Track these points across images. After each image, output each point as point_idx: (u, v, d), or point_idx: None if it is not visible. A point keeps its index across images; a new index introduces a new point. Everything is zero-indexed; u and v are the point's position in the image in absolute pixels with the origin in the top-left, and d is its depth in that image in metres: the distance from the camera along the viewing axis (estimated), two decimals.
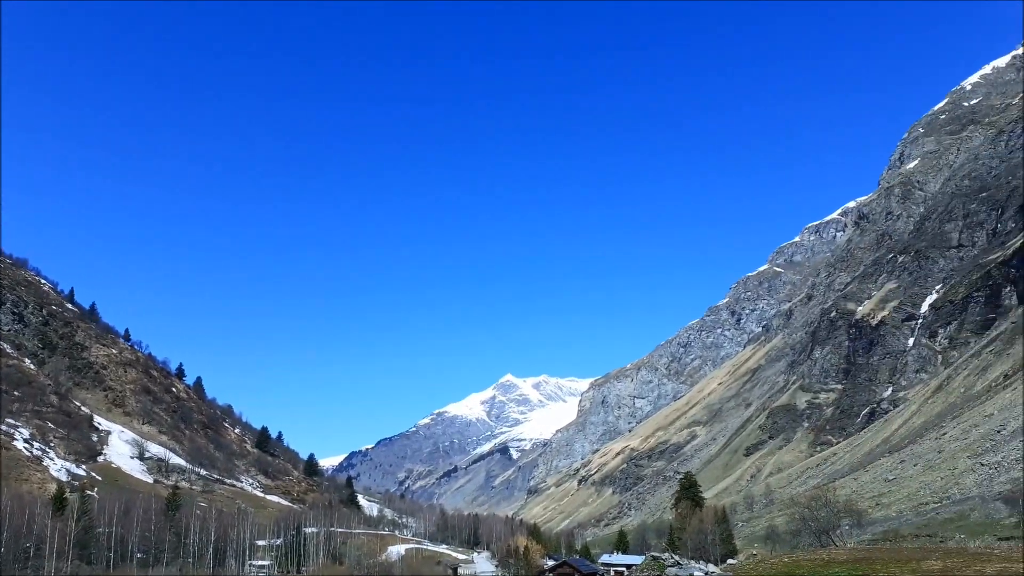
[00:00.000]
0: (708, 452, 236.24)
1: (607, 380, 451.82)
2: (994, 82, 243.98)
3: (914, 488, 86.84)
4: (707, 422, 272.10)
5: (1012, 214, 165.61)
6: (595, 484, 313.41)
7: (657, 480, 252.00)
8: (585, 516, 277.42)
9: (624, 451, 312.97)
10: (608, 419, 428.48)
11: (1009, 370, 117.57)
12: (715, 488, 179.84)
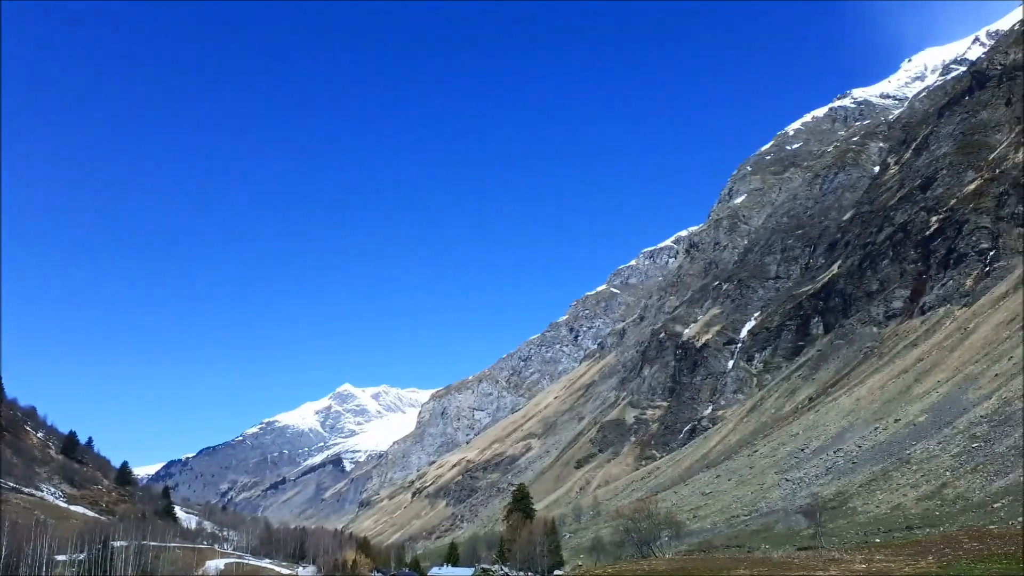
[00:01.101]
0: (541, 464, 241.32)
1: (448, 392, 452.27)
2: (813, 129, 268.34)
3: (727, 501, 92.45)
4: (542, 435, 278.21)
5: (823, 251, 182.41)
6: (429, 496, 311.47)
7: (491, 492, 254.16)
8: (417, 529, 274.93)
9: (461, 463, 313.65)
10: (447, 431, 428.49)
11: (814, 393, 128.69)
12: (546, 500, 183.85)
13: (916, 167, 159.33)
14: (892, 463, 70.88)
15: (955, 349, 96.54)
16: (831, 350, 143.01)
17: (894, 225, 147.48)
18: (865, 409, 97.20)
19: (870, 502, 65.37)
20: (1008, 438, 60.14)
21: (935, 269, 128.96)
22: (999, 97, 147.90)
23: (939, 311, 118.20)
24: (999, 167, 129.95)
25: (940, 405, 79.35)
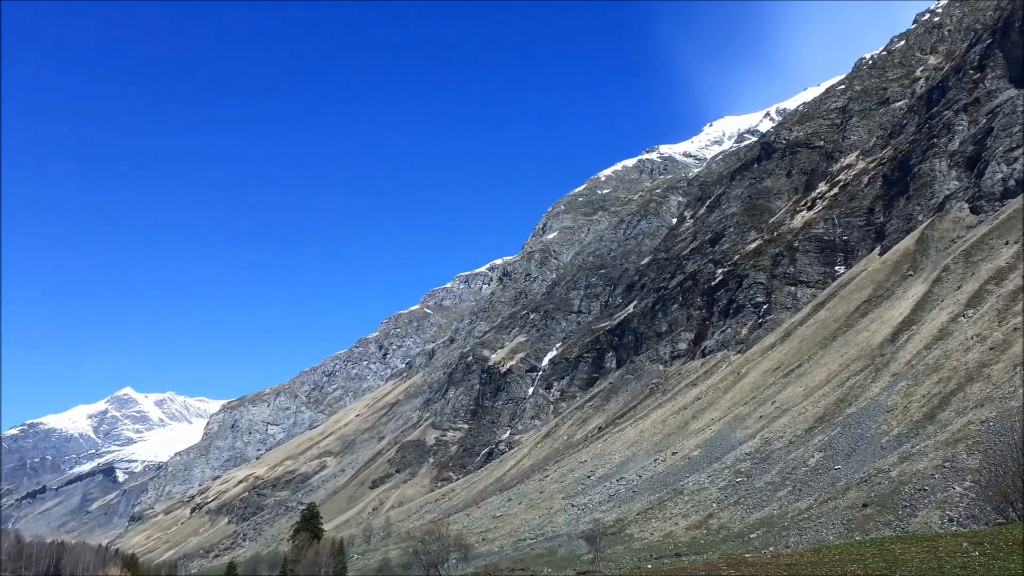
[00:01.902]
0: (335, 483, 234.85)
1: (242, 403, 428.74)
2: (622, 178, 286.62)
3: (516, 525, 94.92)
4: (339, 453, 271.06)
5: (621, 291, 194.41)
6: (210, 513, 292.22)
7: (279, 510, 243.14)
8: (194, 546, 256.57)
9: (248, 479, 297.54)
10: (236, 444, 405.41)
11: (603, 423, 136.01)
12: (337, 520, 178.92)
13: (708, 222, 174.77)
14: (667, 493, 76.32)
15: (728, 391, 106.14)
16: (622, 383, 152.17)
17: (685, 273, 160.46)
18: (648, 441, 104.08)
19: (646, 529, 69.85)
20: (767, 474, 66.86)
21: (717, 316, 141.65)
22: (782, 168, 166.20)
23: (717, 355, 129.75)
24: (777, 230, 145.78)
25: (712, 441, 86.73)
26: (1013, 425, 43.32)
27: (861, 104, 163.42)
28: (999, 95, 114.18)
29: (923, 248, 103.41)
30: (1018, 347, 61.39)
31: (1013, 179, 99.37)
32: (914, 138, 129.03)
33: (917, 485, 47.75)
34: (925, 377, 67.14)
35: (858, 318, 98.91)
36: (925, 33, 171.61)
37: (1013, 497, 29.00)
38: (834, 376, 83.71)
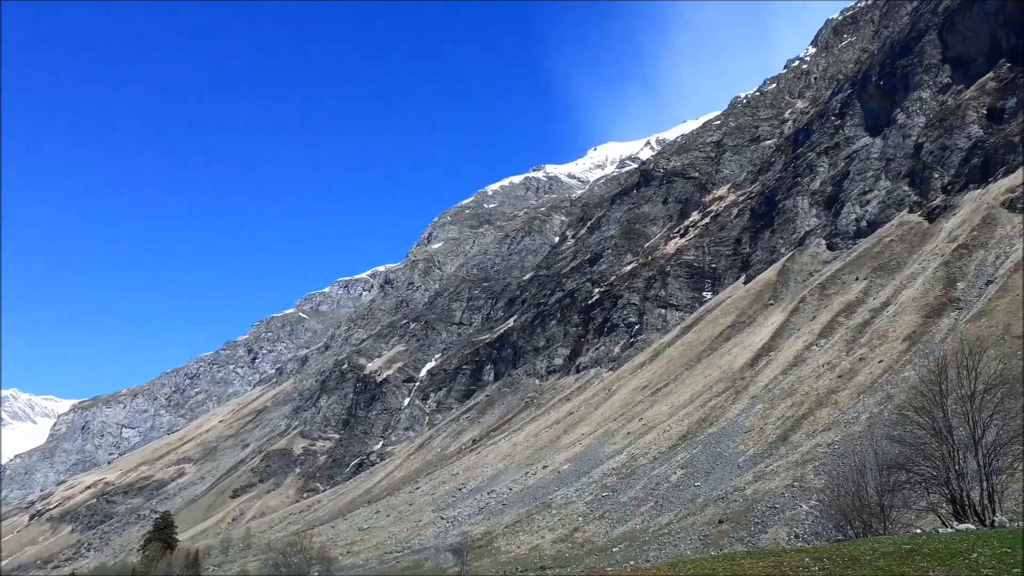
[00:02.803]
0: (194, 491, 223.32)
1: (95, 404, 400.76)
2: (509, 193, 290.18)
3: (383, 537, 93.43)
4: (199, 460, 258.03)
5: (503, 305, 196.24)
6: (52, 520, 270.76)
7: (130, 519, 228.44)
8: (31, 556, 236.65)
9: (97, 485, 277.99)
10: (86, 448, 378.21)
11: (478, 435, 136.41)
12: (194, 530, 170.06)
13: (588, 243, 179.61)
14: (537, 506, 77.33)
15: (599, 407, 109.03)
16: (498, 396, 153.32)
17: (564, 291, 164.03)
18: (520, 454, 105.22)
19: (513, 542, 70.43)
20: (631, 489, 69.01)
21: (592, 334, 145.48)
22: (659, 196, 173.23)
23: (591, 371, 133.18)
24: (651, 255, 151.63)
25: (582, 456, 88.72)
26: (855, 448, 46.79)
27: (734, 140, 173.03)
28: (856, 141, 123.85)
29: (783, 279, 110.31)
30: (863, 376, 66.42)
31: (865, 220, 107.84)
32: (780, 176, 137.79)
33: (768, 503, 50.60)
34: (780, 401, 71.44)
35: (722, 342, 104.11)
36: (794, 78, 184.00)
37: (851, 516, 31.23)
38: (698, 396, 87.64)
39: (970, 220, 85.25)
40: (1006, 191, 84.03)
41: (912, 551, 19.53)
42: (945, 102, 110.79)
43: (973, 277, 73.43)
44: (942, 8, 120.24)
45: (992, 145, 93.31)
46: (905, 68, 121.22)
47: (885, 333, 73.12)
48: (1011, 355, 51.86)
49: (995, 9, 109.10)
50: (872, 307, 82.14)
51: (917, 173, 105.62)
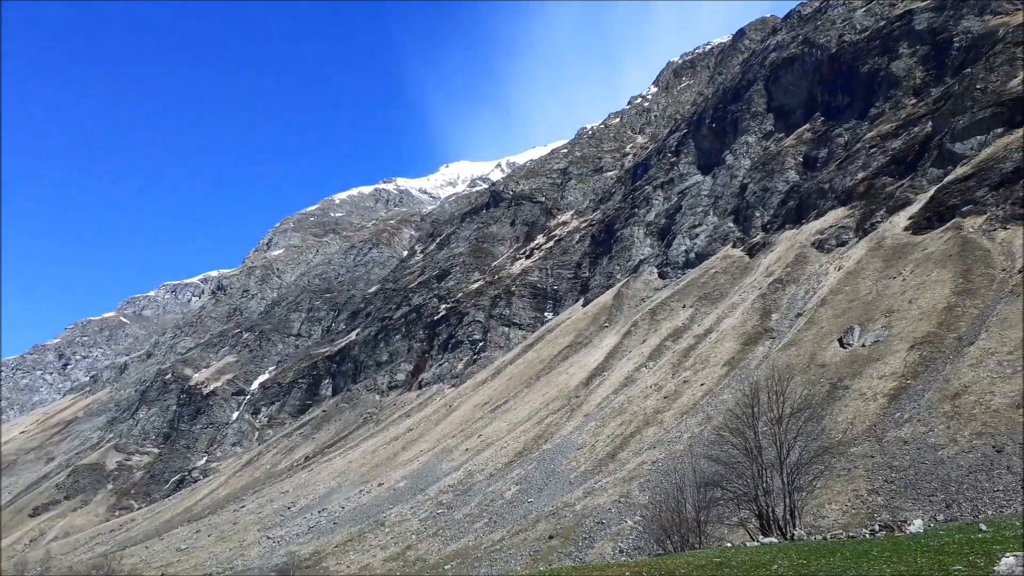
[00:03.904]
0: None
1: None
2: (358, 203, 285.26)
3: (203, 558, 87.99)
4: None
5: (345, 317, 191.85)
6: None
7: None
8: None
9: None
10: None
11: (311, 452, 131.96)
12: None
13: (437, 259, 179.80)
14: (369, 525, 75.75)
15: (439, 423, 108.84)
16: (336, 412, 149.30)
17: (410, 305, 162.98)
18: (355, 472, 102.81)
19: (343, 561, 68.51)
20: (467, 506, 69.20)
21: (436, 350, 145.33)
22: (507, 217, 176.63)
23: (433, 387, 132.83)
24: (497, 274, 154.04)
25: (419, 473, 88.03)
26: (676, 466, 49.56)
27: (579, 169, 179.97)
28: (689, 178, 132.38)
29: (618, 304, 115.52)
30: (686, 397, 70.56)
31: (694, 252, 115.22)
32: (620, 206, 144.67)
33: (596, 518, 52.40)
34: (611, 419, 74.42)
35: (560, 361, 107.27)
36: (636, 114, 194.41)
37: (671, 530, 32.98)
38: (535, 413, 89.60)
39: (785, 257, 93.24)
40: (816, 232, 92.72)
41: (722, 564, 20.85)
42: (768, 147, 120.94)
43: (785, 309, 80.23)
44: (769, 61, 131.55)
45: (806, 190, 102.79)
46: (735, 113, 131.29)
47: (707, 358, 78.19)
48: (815, 382, 56.99)
49: (813, 67, 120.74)
50: (697, 333, 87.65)
51: (741, 211, 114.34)
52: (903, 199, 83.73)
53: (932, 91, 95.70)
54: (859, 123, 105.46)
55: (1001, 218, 67.21)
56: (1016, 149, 72.66)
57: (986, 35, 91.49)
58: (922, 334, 55.43)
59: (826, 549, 21.95)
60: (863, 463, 42.22)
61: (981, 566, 15.78)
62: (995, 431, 38.81)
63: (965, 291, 59.03)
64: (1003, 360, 45.55)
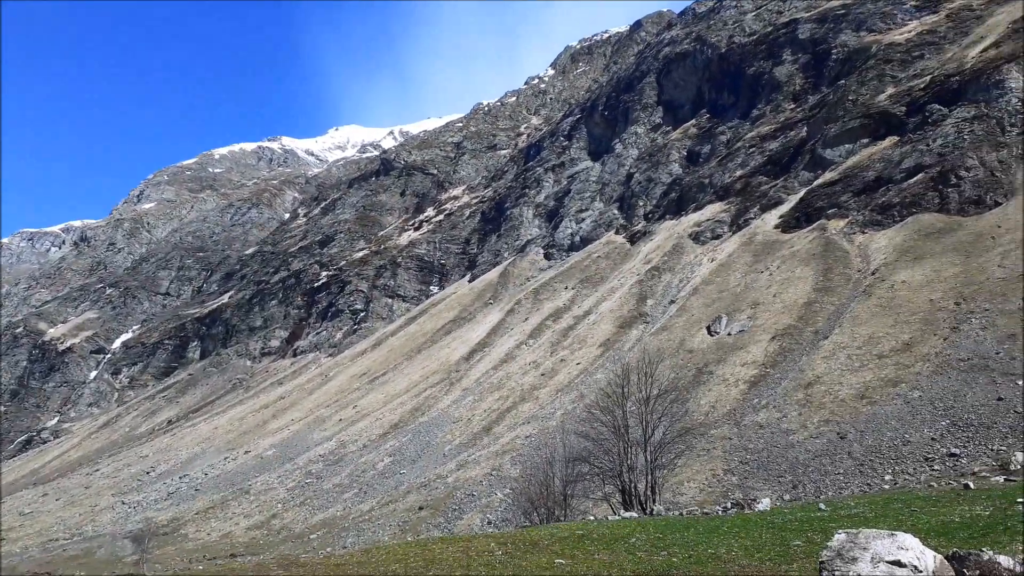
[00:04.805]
0: None
1: None
2: (239, 160, 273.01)
3: (49, 523, 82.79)
4: None
5: (218, 279, 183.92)
6: None
7: None
8: None
9: None
10: None
11: (174, 416, 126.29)
12: None
13: (321, 224, 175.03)
14: (233, 492, 73.43)
15: (313, 392, 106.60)
16: (203, 376, 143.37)
17: (289, 270, 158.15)
18: (221, 438, 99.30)
19: (203, 529, 66.17)
20: (337, 476, 68.23)
21: (315, 318, 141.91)
22: (397, 186, 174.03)
23: (309, 356, 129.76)
24: (384, 244, 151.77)
25: (289, 441, 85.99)
26: (548, 441, 50.66)
27: (474, 144, 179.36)
28: (579, 163, 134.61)
29: (504, 282, 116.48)
30: (562, 375, 72.17)
31: (579, 236, 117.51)
32: (511, 185, 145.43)
33: (467, 491, 52.89)
34: (489, 394, 75.17)
35: (443, 336, 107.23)
36: (533, 95, 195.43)
37: (538, 503, 33.73)
38: (414, 386, 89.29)
39: (663, 246, 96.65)
40: (694, 224, 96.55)
41: (584, 536, 21.47)
42: (656, 139, 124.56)
43: (660, 296, 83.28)
44: (662, 55, 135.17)
45: (688, 183, 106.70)
46: (627, 103, 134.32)
47: (585, 338, 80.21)
48: (682, 366, 59.57)
49: (703, 65, 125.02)
50: (577, 314, 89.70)
51: (626, 199, 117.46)
52: (775, 198, 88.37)
53: (809, 98, 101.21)
54: (741, 123, 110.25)
55: (861, 223, 72.13)
56: (879, 159, 78.08)
57: (861, 50, 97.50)
58: (783, 326, 58.88)
59: (681, 524, 23.03)
60: (721, 444, 44.55)
61: (818, 542, 16.96)
62: (840, 419, 41.84)
63: (824, 288, 63.11)
64: (852, 354, 49.08)
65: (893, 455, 36.35)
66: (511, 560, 19.23)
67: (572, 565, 17.96)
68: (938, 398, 39.65)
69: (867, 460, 36.79)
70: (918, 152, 73.64)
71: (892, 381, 43.57)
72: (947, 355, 43.68)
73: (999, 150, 66.33)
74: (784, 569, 15.62)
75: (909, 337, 47.97)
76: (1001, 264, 52.17)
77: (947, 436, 36.11)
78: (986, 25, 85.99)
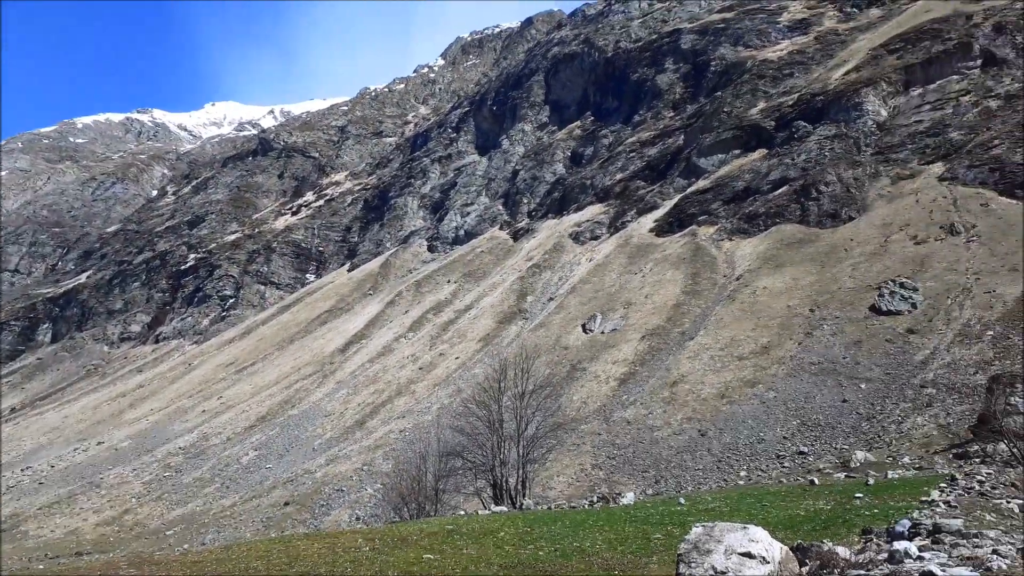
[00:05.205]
0: None
1: None
2: (104, 132, 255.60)
3: None
4: None
5: (75, 257, 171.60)
6: None
7: None
8: None
9: None
10: None
11: (18, 404, 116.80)
12: None
13: (191, 204, 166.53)
14: (82, 486, 68.73)
15: (176, 381, 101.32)
16: (54, 361, 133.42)
17: (154, 251, 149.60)
18: (72, 428, 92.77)
19: (46, 526, 61.56)
20: (197, 470, 65.10)
21: (180, 303, 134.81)
22: (276, 168, 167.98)
23: (172, 343, 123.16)
24: (258, 228, 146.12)
25: (147, 433, 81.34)
26: (422, 436, 50.33)
27: (358, 129, 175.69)
28: (466, 157, 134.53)
29: (385, 272, 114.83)
30: (440, 369, 71.93)
31: (463, 230, 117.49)
32: (396, 174, 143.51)
33: (336, 486, 51.76)
34: (364, 387, 73.90)
35: (318, 326, 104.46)
36: (422, 84, 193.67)
37: (409, 498, 33.42)
38: (284, 378, 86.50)
39: (544, 244, 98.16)
40: (574, 224, 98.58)
41: (453, 531, 21.39)
42: (542, 138, 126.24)
43: (540, 293, 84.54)
44: (551, 55, 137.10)
45: (570, 184, 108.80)
46: (515, 100, 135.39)
47: (465, 333, 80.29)
48: (558, 362, 60.70)
49: (590, 67, 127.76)
50: (458, 308, 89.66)
51: (511, 196, 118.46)
52: (652, 203, 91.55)
53: (688, 107, 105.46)
54: (624, 127, 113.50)
55: (728, 230, 75.86)
56: (748, 170, 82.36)
57: (737, 64, 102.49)
58: (653, 326, 61.08)
59: (549, 518, 23.38)
60: (591, 440, 45.70)
61: (676, 535, 17.60)
62: (702, 417, 43.83)
63: (692, 292, 65.95)
64: (715, 355, 51.52)
65: (748, 452, 38.42)
66: (378, 556, 18.88)
67: (440, 560, 17.83)
68: (790, 399, 42.25)
69: (725, 457, 38.71)
70: (784, 165, 78.22)
71: (750, 382, 46.05)
72: (800, 359, 46.62)
73: (855, 168, 71.45)
74: (644, 562, 16.10)
75: (767, 341, 50.86)
76: (851, 275, 56.23)
77: (797, 435, 38.53)
78: (849, 50, 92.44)
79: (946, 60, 76.85)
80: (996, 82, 72.31)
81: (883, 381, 41.25)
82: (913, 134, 72.45)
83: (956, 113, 71.46)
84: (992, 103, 70.18)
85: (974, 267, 50.94)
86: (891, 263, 55.61)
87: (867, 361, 43.79)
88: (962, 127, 69.55)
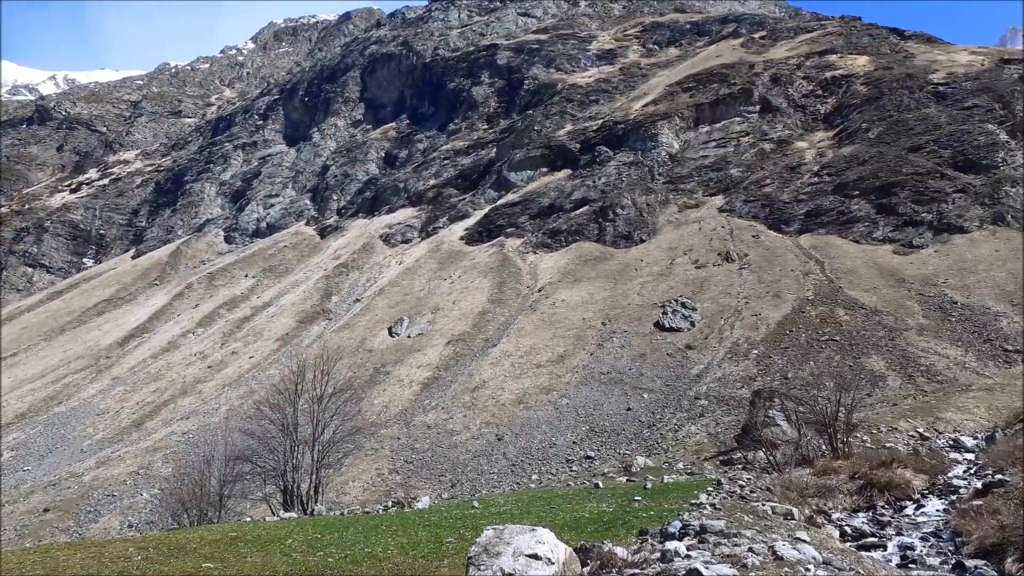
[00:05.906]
0: None
1: None
2: None
3: None
4: None
5: None
6: None
7: None
8: None
9: None
10: None
11: None
12: None
13: None
14: None
15: None
16: None
17: None
18: None
19: None
20: None
21: None
22: (54, 140, 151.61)
23: None
24: (30, 204, 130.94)
25: None
26: (208, 438, 47.43)
27: (154, 106, 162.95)
28: (273, 146, 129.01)
29: (175, 262, 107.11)
30: (231, 369, 68.23)
31: (266, 222, 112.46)
32: (194, 157, 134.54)
33: (107, 491, 47.48)
34: (144, 385, 68.37)
35: (94, 316, 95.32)
36: (228, 66, 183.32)
37: (190, 505, 31.32)
38: (52, 371, 78.05)
39: (353, 244, 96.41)
40: (386, 226, 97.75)
41: (237, 539, 20.40)
42: (355, 135, 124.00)
43: (346, 293, 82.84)
44: (369, 52, 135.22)
45: (383, 185, 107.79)
46: (329, 93, 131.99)
47: (261, 331, 76.77)
48: (361, 365, 59.77)
49: (408, 71, 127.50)
50: (255, 305, 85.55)
51: (320, 191, 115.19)
52: (463, 211, 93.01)
53: (501, 122, 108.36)
54: (439, 134, 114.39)
55: (533, 244, 78.85)
56: (554, 188, 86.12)
57: (548, 85, 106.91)
58: (458, 332, 62.00)
59: (341, 523, 22.98)
60: (390, 444, 45.47)
61: (468, 538, 17.99)
62: (500, 422, 45.11)
63: (498, 300, 67.75)
64: (516, 362, 53.28)
65: (541, 456, 40.08)
66: (151, 566, 17.57)
67: (221, 569, 16.93)
68: (581, 406, 44.64)
69: (519, 461, 40.11)
70: (586, 187, 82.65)
71: (546, 389, 48.10)
72: (592, 368, 49.40)
73: (648, 194, 77.04)
74: (436, 566, 16.31)
75: (563, 350, 53.40)
76: (640, 292, 60.50)
77: (586, 440, 40.77)
78: (649, 83, 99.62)
79: (731, 102, 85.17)
80: (771, 127, 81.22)
81: (663, 392, 44.77)
82: (700, 167, 79.51)
83: (736, 152, 79.42)
84: (767, 145, 78.75)
85: (744, 292, 56.72)
86: (675, 284, 60.55)
87: (650, 373, 47.30)
88: (740, 165, 77.42)
